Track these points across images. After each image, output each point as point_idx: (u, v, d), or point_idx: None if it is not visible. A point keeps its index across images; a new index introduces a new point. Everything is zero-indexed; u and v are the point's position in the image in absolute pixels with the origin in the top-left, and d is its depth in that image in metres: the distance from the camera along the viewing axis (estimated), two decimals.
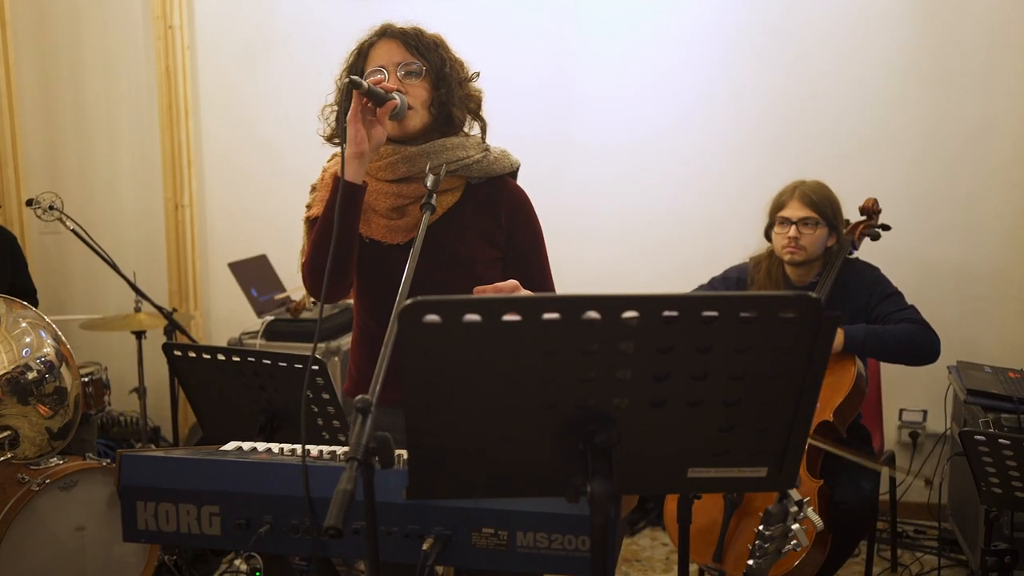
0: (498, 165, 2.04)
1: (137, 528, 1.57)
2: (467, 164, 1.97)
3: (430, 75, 1.96)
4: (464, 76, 2.03)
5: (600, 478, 1.27)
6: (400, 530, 1.48)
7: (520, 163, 2.14)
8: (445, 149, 1.95)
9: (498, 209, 2.02)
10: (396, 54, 1.96)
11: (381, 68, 1.96)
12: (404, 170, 1.97)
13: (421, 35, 2.00)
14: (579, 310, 1.18)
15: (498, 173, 2.05)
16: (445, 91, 1.96)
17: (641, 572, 3.54)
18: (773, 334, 1.22)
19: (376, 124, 1.86)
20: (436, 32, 2.07)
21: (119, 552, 3.20)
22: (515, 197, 2.07)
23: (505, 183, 2.08)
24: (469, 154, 1.98)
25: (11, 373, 2.40)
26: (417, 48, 1.96)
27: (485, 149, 2.03)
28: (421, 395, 1.25)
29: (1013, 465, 2.14)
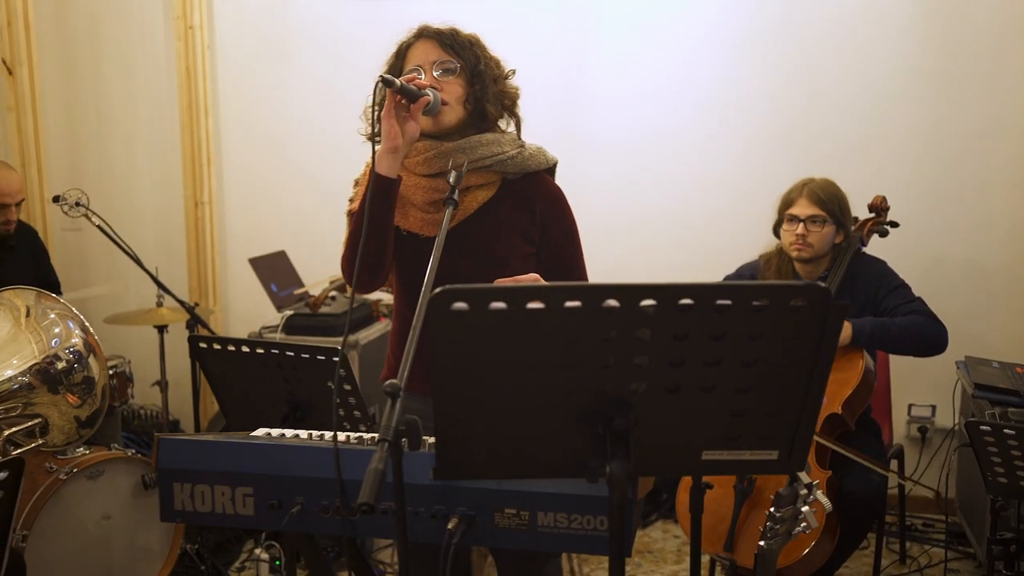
0: (533, 161, 2.09)
1: (174, 509, 1.63)
2: (501, 160, 2.02)
3: (464, 72, 2.02)
4: (499, 73, 2.08)
5: (618, 460, 1.34)
6: (426, 510, 1.55)
7: (557, 160, 2.17)
8: (480, 145, 2.00)
9: (533, 205, 2.07)
10: (432, 53, 2.02)
11: (418, 67, 2.02)
12: (439, 165, 2.02)
13: (456, 34, 2.06)
14: (599, 298, 1.25)
15: (533, 169, 2.10)
16: (479, 87, 2.01)
17: (653, 563, 3.60)
18: (784, 322, 1.28)
19: (409, 120, 1.92)
20: (473, 32, 2.12)
21: (144, 540, 3.29)
22: (550, 193, 2.12)
23: (541, 179, 2.12)
24: (504, 150, 2.03)
25: (41, 363, 2.47)
26: (452, 47, 2.02)
27: (520, 145, 2.08)
28: (449, 379, 1.32)
29: (1018, 455, 2.19)
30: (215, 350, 2.64)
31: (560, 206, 2.13)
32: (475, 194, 2.03)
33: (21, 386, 2.42)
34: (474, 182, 2.03)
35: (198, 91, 4.34)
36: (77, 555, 3.08)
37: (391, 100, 1.89)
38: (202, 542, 3.52)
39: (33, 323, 2.54)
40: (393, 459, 1.37)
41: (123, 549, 3.23)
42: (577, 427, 1.36)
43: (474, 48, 2.04)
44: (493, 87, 2.04)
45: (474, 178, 2.02)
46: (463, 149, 2.00)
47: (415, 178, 2.05)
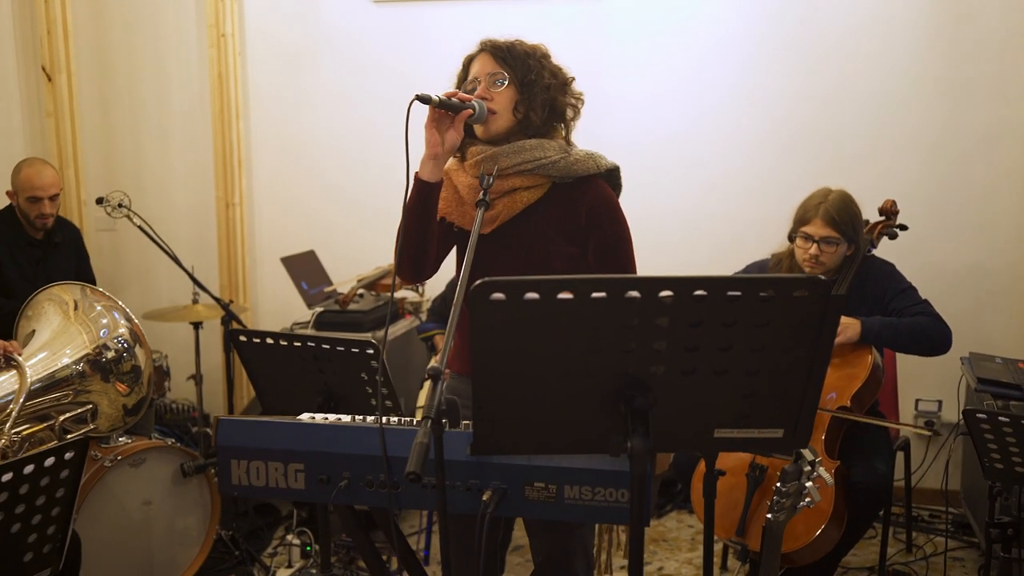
0: (579, 166, 2.18)
1: (231, 483, 1.79)
2: (543, 164, 2.13)
3: (514, 83, 2.15)
4: (555, 82, 2.19)
5: (639, 436, 1.48)
6: (462, 484, 1.69)
7: (613, 165, 2.26)
8: (523, 150, 2.13)
9: (578, 208, 2.17)
10: (487, 65, 2.16)
11: (476, 78, 2.17)
12: (488, 168, 2.14)
13: (512, 48, 2.18)
14: (622, 289, 1.40)
15: (581, 174, 2.18)
16: (527, 97, 2.14)
17: (668, 551, 3.74)
18: (788, 311, 1.42)
19: (450, 129, 2.06)
20: (537, 44, 2.24)
21: (182, 525, 3.45)
22: (596, 196, 2.20)
23: (591, 183, 2.21)
24: (547, 155, 2.14)
25: (92, 353, 2.63)
26: (504, 59, 2.15)
27: (566, 151, 2.18)
28: (487, 363, 1.47)
29: (1012, 442, 2.32)
30: (254, 343, 2.81)
31: (608, 210, 2.21)
32: (521, 195, 2.15)
33: (75, 374, 2.58)
34: (520, 184, 2.15)
35: (230, 96, 4.51)
36: (120, 538, 3.24)
37: (432, 113, 2.03)
38: (237, 528, 3.68)
39: (81, 315, 2.70)
40: (435, 435, 1.52)
41: (163, 533, 3.39)
42: (601, 406, 1.51)
43: (528, 60, 2.16)
44: (543, 95, 2.15)
45: (519, 180, 2.14)
46: (507, 153, 2.13)
47: (469, 179, 2.18)
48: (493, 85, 2.15)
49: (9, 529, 1.94)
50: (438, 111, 2.04)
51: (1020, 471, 2.39)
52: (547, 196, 2.19)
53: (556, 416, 1.53)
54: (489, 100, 2.13)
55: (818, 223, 3.09)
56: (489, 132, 2.15)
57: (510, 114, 2.15)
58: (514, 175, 2.15)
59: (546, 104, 2.17)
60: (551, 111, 2.19)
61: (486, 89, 2.15)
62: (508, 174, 2.15)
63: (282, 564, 3.58)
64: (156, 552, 3.37)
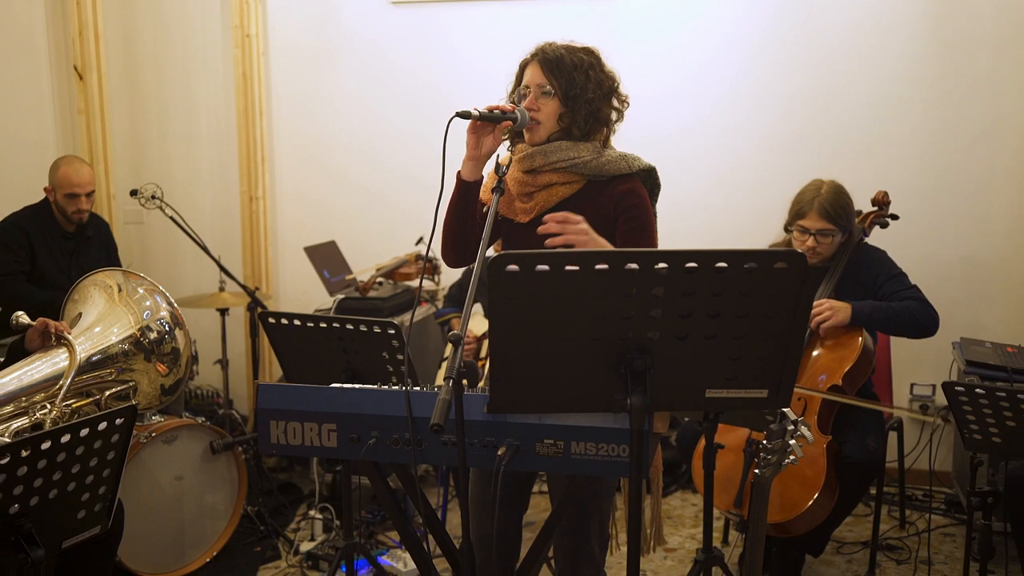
0: (611, 166, 2.34)
1: (270, 442, 1.98)
2: (576, 162, 2.31)
3: (559, 96, 2.31)
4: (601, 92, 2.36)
5: (637, 395, 1.67)
6: (479, 441, 1.87)
7: (647, 166, 2.42)
8: (559, 150, 2.30)
9: (606, 203, 2.33)
10: (537, 76, 2.32)
11: (528, 86, 2.33)
12: (527, 164, 2.34)
13: (561, 60, 2.32)
14: (622, 262, 1.58)
15: (613, 173, 2.35)
16: (571, 110, 2.30)
17: (672, 527, 3.92)
18: (770, 281, 1.60)
19: (489, 136, 2.24)
20: (589, 50, 2.40)
21: (211, 500, 3.65)
22: (624, 193, 2.35)
23: (623, 181, 2.37)
24: (580, 155, 2.31)
25: (137, 333, 2.81)
26: (552, 72, 2.31)
27: (597, 151, 2.34)
28: (503, 328, 1.65)
29: (988, 413, 2.49)
30: (282, 324, 3.01)
31: (634, 205, 2.35)
32: (556, 190, 2.32)
33: (121, 353, 2.75)
34: (556, 180, 2.32)
35: (254, 95, 4.70)
36: (154, 511, 3.44)
37: (473, 123, 2.21)
38: (262, 504, 3.87)
39: (125, 298, 2.88)
40: (456, 393, 1.70)
41: (193, 507, 3.59)
42: (604, 368, 1.69)
43: (575, 72, 2.30)
44: (586, 107, 2.31)
45: (555, 177, 2.32)
46: (544, 152, 2.31)
47: (517, 173, 2.35)
48: (541, 96, 2.31)
49: (66, 487, 2.12)
50: (475, 123, 2.21)
51: (997, 441, 2.56)
52: (582, 191, 2.35)
53: (564, 377, 1.71)
54: (536, 111, 2.29)
55: (814, 216, 3.26)
56: (533, 139, 2.33)
57: (554, 123, 2.31)
58: (549, 172, 2.32)
59: (589, 116, 2.32)
60: (594, 120, 2.34)
61: (534, 100, 2.30)
62: (544, 171, 2.32)
63: (305, 538, 3.78)
64: (187, 524, 3.57)
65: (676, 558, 3.63)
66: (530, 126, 2.31)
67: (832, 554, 3.64)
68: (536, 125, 2.31)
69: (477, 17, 4.60)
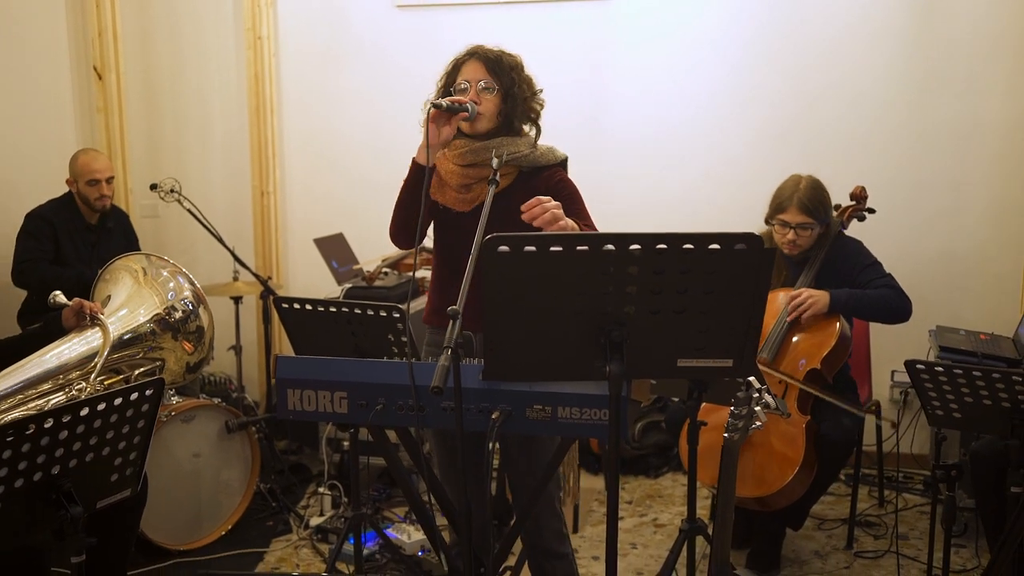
0: (543, 158, 2.64)
1: (288, 408, 2.19)
2: (517, 157, 2.57)
3: (500, 92, 2.56)
4: (531, 92, 2.62)
5: (615, 363, 1.87)
6: (475, 407, 2.08)
7: (565, 156, 2.71)
8: (502, 144, 2.55)
9: (539, 190, 2.54)
10: (478, 72, 2.56)
11: (467, 81, 2.56)
12: (471, 158, 2.59)
13: (500, 59, 2.58)
14: (600, 243, 1.79)
15: (543, 164, 2.64)
16: (511, 105, 2.56)
17: (663, 505, 4.13)
18: (731, 261, 1.81)
19: (446, 125, 2.48)
20: (516, 55, 2.63)
21: (226, 476, 3.86)
22: (553, 179, 2.64)
23: (552, 172, 2.65)
24: (520, 149, 2.58)
25: (163, 313, 3.01)
26: (494, 70, 2.56)
27: (533, 146, 2.62)
28: (496, 304, 1.86)
29: (948, 390, 2.69)
30: (295, 309, 3.21)
31: (562, 185, 2.63)
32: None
33: (149, 332, 2.96)
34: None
35: (265, 94, 4.92)
36: (173, 486, 3.66)
37: (433, 113, 2.45)
38: (275, 482, 4.09)
39: (151, 279, 3.08)
40: (453, 362, 1.91)
41: (210, 483, 3.81)
42: (585, 339, 1.89)
43: (512, 72, 2.57)
44: (522, 105, 2.58)
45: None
46: (489, 148, 2.55)
47: (453, 167, 2.61)
48: (483, 91, 2.55)
49: (101, 451, 2.33)
50: (434, 113, 2.44)
51: (957, 416, 2.76)
52: (516, 182, 2.63)
53: (551, 347, 1.92)
54: (478, 104, 2.53)
55: (793, 211, 3.45)
56: (474, 130, 2.58)
57: (495, 117, 2.58)
58: (487, 166, 2.53)
59: (524, 112, 2.61)
60: (527, 117, 2.63)
61: (476, 94, 2.55)
62: (486, 163, 2.53)
63: (314, 513, 3.99)
64: (204, 499, 3.79)
65: (665, 533, 3.84)
66: (474, 118, 2.54)
67: (813, 530, 3.85)
68: (478, 117, 2.55)
69: (477, 20, 4.81)
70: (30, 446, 2.12)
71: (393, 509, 4.04)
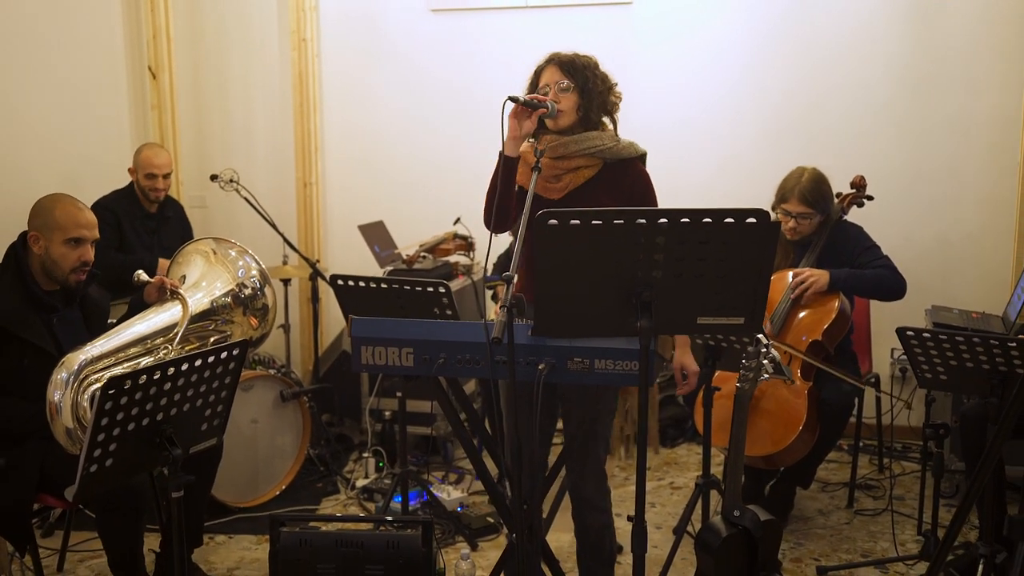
0: (624, 151, 2.85)
1: (361, 363, 2.55)
2: (600, 148, 2.83)
3: (576, 89, 2.81)
4: (606, 87, 2.85)
5: (645, 319, 2.22)
6: (524, 360, 2.44)
7: (645, 151, 2.92)
8: (585, 139, 2.81)
9: (623, 182, 2.85)
10: (555, 75, 2.83)
11: (547, 84, 2.83)
12: (560, 151, 2.83)
13: (573, 61, 2.83)
14: (633, 218, 2.14)
15: (625, 156, 2.88)
16: (587, 100, 2.81)
17: (678, 472, 4.48)
18: (743, 232, 2.15)
19: (527, 120, 2.72)
20: (590, 56, 2.88)
21: (280, 442, 4.23)
22: (637, 173, 2.89)
23: (633, 164, 2.90)
24: (604, 142, 2.82)
25: (235, 289, 3.36)
26: (569, 71, 2.81)
27: (615, 139, 2.85)
28: (546, 269, 2.21)
29: (935, 354, 3.04)
30: (350, 286, 3.59)
31: (643, 183, 2.89)
32: (582, 172, 2.84)
33: (223, 306, 3.31)
34: (582, 163, 2.83)
35: (309, 92, 5.28)
36: (234, 449, 4.00)
37: (515, 108, 2.70)
38: (323, 447, 4.46)
39: (221, 258, 3.41)
40: (508, 320, 2.26)
41: (266, 447, 4.17)
42: (620, 299, 2.24)
43: (586, 71, 2.81)
44: (598, 99, 2.82)
45: (582, 161, 2.83)
46: (575, 141, 2.82)
47: (546, 159, 2.82)
48: (562, 91, 2.81)
49: (195, 403, 2.69)
50: (520, 107, 2.72)
51: (944, 379, 3.10)
52: (601, 172, 2.88)
53: (590, 307, 2.27)
54: (558, 103, 2.79)
55: (794, 202, 3.80)
56: (558, 126, 2.84)
57: (574, 113, 2.82)
58: (578, 156, 2.84)
59: (601, 106, 2.85)
60: (603, 110, 2.86)
61: (555, 94, 2.81)
62: (574, 155, 2.83)
63: (360, 476, 4.36)
64: (261, 462, 4.15)
65: (681, 494, 4.19)
66: (557, 115, 2.83)
67: (817, 492, 4.20)
68: (561, 114, 2.82)
69: (505, 23, 5.17)
70: (141, 394, 2.47)
71: (433, 473, 4.40)
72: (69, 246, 3.08)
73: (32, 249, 3.10)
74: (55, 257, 3.08)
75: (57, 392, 2.81)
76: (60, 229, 3.07)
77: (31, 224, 3.11)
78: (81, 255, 3.11)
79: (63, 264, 3.09)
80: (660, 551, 3.56)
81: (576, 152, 2.82)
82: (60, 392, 2.81)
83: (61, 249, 3.07)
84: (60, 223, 3.07)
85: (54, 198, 3.15)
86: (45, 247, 3.08)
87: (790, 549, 3.66)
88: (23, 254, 3.11)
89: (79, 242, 3.10)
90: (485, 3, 5.18)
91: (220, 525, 3.89)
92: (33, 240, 3.09)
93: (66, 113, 4.76)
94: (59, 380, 2.82)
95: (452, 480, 4.36)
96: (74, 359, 2.87)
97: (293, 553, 2.95)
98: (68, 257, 3.09)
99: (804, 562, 3.56)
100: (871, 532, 3.81)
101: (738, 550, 2.55)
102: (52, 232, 3.07)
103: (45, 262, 3.09)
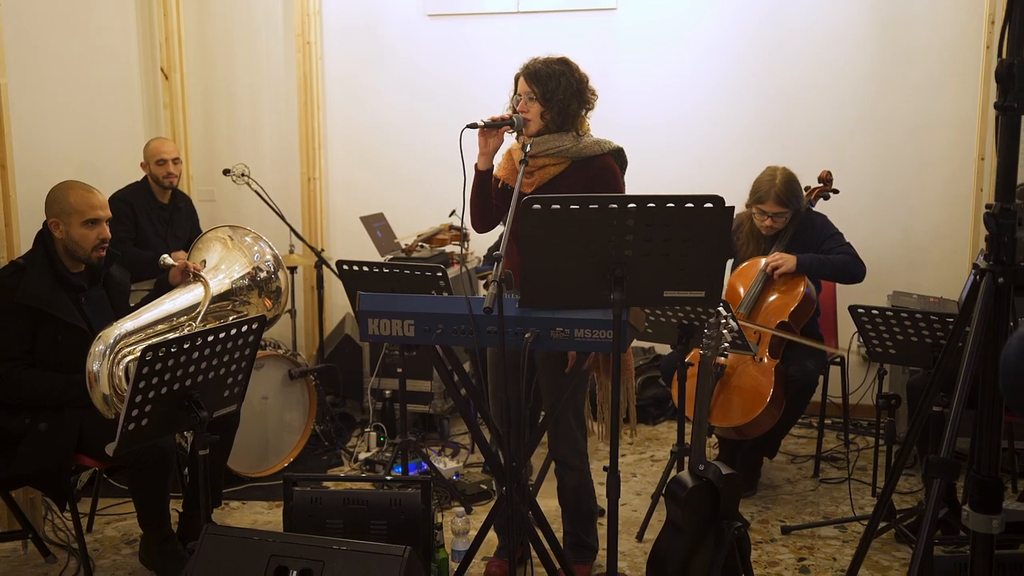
0: (588, 150, 3.16)
1: (368, 333, 2.86)
2: (560, 150, 3.13)
3: (538, 99, 3.11)
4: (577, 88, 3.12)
5: (618, 292, 2.54)
6: (512, 329, 2.75)
7: (616, 147, 3.19)
8: (547, 141, 3.11)
9: (586, 175, 3.14)
10: (523, 86, 3.14)
11: (519, 95, 3.15)
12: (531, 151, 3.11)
13: (539, 71, 3.11)
14: (606, 203, 2.46)
15: (590, 155, 3.16)
16: (551, 107, 3.10)
17: (658, 446, 4.81)
18: (703, 216, 2.48)
19: (493, 137, 3.08)
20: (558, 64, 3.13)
21: (288, 418, 4.54)
22: (600, 167, 3.17)
23: (599, 160, 3.17)
24: (563, 143, 3.11)
25: (252, 272, 3.67)
26: (534, 80, 3.11)
27: (576, 140, 3.12)
28: (531, 248, 2.53)
29: (883, 329, 3.37)
30: (354, 271, 3.90)
31: (607, 174, 3.17)
32: (548, 169, 3.14)
33: (241, 288, 3.63)
34: (548, 162, 3.14)
35: (312, 92, 5.60)
36: (246, 423, 4.28)
37: (480, 130, 3.05)
38: (329, 422, 4.78)
39: (238, 243, 3.73)
40: (497, 293, 2.58)
41: (275, 423, 4.49)
42: (596, 275, 2.56)
43: (550, 80, 3.10)
44: (559, 105, 3.09)
45: (547, 160, 3.13)
46: (538, 144, 3.12)
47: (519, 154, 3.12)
48: (529, 101, 3.12)
49: (219, 371, 3.00)
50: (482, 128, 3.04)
51: (892, 352, 3.44)
52: (568, 169, 3.19)
53: (570, 281, 2.59)
54: (526, 112, 3.11)
55: (771, 204, 4.11)
56: (528, 133, 3.15)
57: (539, 120, 3.12)
58: (543, 156, 3.16)
59: (562, 110, 3.10)
60: (564, 114, 3.11)
61: (524, 104, 3.12)
62: (539, 155, 3.15)
63: (362, 450, 4.68)
64: (270, 436, 4.47)
65: (660, 466, 4.52)
66: (525, 124, 3.13)
67: (786, 463, 4.53)
68: (528, 123, 3.13)
69: (498, 28, 5.49)
70: (173, 361, 2.80)
71: (430, 448, 4.72)
72: (87, 227, 3.37)
73: (55, 235, 3.37)
74: (76, 239, 3.37)
75: (96, 363, 3.13)
76: (77, 213, 3.35)
77: (49, 212, 3.39)
78: (99, 233, 3.40)
79: (84, 244, 3.38)
80: (639, 513, 3.89)
81: (541, 153, 3.13)
82: (98, 363, 3.13)
83: (80, 231, 3.36)
84: (76, 207, 3.35)
85: (65, 186, 3.43)
86: (66, 231, 3.36)
87: (758, 512, 3.98)
88: (49, 240, 3.40)
89: (96, 222, 3.39)
90: (478, 8, 5.50)
91: (234, 492, 4.21)
92: (54, 226, 3.37)
93: (85, 111, 5.04)
94: (97, 352, 3.15)
95: (448, 453, 4.68)
96: (110, 333, 3.20)
97: (305, 510, 3.25)
98: (88, 237, 3.38)
99: (770, 523, 3.88)
100: (834, 498, 4.14)
101: (702, 500, 2.86)
102: (70, 216, 3.35)
103: (68, 245, 3.37)
